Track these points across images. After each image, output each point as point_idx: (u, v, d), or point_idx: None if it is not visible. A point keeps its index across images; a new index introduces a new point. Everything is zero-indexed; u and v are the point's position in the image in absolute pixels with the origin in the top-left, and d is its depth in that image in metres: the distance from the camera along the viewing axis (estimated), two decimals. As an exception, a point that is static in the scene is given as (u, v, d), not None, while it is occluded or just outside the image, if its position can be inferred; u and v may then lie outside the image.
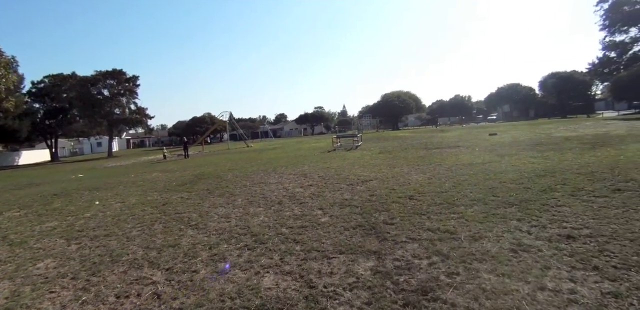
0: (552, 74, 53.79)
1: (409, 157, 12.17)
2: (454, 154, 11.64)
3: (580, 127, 19.62)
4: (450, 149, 13.73)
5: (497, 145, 13.14)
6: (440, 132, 28.05)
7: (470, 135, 20.44)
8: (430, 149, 14.51)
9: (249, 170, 12.39)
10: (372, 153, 14.91)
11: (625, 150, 9.04)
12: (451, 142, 16.52)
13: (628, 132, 14.57)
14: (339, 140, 21.37)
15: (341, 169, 10.38)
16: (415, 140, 20.29)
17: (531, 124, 30.06)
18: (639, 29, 31.08)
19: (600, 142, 11.20)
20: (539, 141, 13.28)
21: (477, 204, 5.18)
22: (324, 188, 7.67)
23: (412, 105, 51.03)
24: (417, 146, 16.31)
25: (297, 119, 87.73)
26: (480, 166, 8.60)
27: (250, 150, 27.56)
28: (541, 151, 10.33)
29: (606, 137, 12.86)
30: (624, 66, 33.04)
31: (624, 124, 19.87)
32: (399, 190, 6.62)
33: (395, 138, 24.60)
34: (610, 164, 7.19)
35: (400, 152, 14.09)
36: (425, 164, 10.01)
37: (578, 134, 15.02)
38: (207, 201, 7.46)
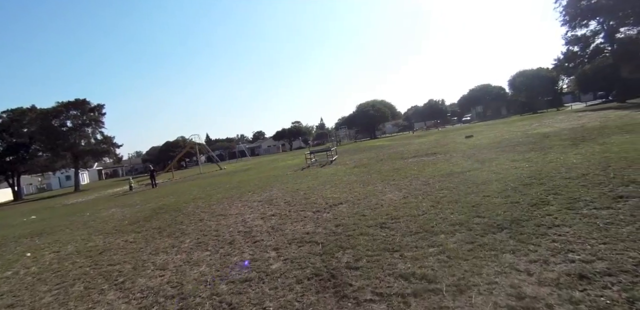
0: (520, 73, 55.02)
1: (384, 170, 11.30)
2: (431, 163, 10.85)
3: (554, 122, 19.38)
4: (427, 157, 12.99)
5: (475, 149, 12.47)
6: (416, 138, 27.58)
7: (447, 140, 19.90)
8: (407, 158, 13.74)
9: (213, 198, 11.29)
10: (347, 168, 14.01)
11: (609, 145, 8.43)
12: (428, 149, 15.84)
13: (603, 123, 14.24)
14: (314, 156, 20.41)
15: (311, 191, 9.40)
16: (392, 149, 19.58)
17: (505, 122, 30.03)
18: (597, 22, 31.87)
19: (580, 137, 10.66)
20: (516, 141, 12.70)
21: (460, 229, 4.27)
22: (287, 218, 6.67)
23: (387, 113, 50.89)
24: (394, 156, 15.54)
25: (275, 135, 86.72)
26: (460, 176, 7.77)
27: (223, 173, 26.27)
28: (522, 152, 9.65)
29: (584, 130, 12.40)
30: (587, 59, 33.74)
31: (596, 114, 19.77)
32: (370, 216, 5.67)
33: (371, 148, 23.88)
34: (601, 163, 6.47)
35: (375, 165, 13.24)
36: (401, 177, 9.14)
37: (554, 129, 14.59)
38: (151, 245, 6.42)
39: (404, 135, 44.52)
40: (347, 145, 39.07)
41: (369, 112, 49.21)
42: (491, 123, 33.50)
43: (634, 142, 8.23)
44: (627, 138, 9.09)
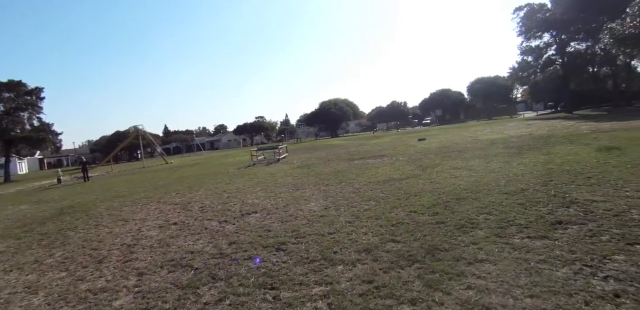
0: (478, 79, 56.68)
1: (324, 172, 10.36)
2: (374, 167, 10.04)
3: (505, 129, 19.48)
4: (373, 159, 12.22)
5: (423, 153, 11.87)
6: (374, 139, 27.10)
7: (400, 142, 19.42)
8: (354, 159, 12.92)
9: (133, 197, 9.98)
10: (290, 168, 12.96)
11: (553, 155, 7.98)
12: (378, 151, 15.15)
13: (550, 132, 14.22)
14: (261, 153, 19.17)
15: (236, 194, 8.28)
16: (345, 149, 18.78)
17: (460, 127, 30.38)
18: (550, 35, 33.00)
19: (526, 146, 10.29)
20: (464, 146, 12.25)
21: (365, 259, 3.33)
22: (186, 229, 5.56)
23: (349, 112, 50.43)
24: (343, 157, 14.70)
25: (236, 129, 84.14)
26: (396, 184, 6.95)
27: (166, 168, 24.32)
28: (466, 159, 9.06)
29: (531, 139, 12.16)
30: (540, 69, 34.95)
31: (544, 123, 20.13)
32: (275, 232, 4.64)
33: (326, 147, 23.02)
34: (542, 176, 5.86)
35: (319, 166, 12.28)
36: (335, 182, 8.22)
37: (503, 137, 14.40)
38: (17, 257, 5.45)
39: (364, 135, 44.22)
40: (305, 143, 38.08)
41: (330, 110, 48.47)
42: (448, 127, 33.88)
43: (577, 153, 7.82)
44: (571, 149, 8.73)
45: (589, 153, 7.65)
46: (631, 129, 11.55)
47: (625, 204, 3.92)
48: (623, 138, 9.48)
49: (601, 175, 5.41)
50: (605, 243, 2.98)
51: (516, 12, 33.94)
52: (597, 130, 12.43)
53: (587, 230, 3.30)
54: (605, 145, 8.38)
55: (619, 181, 4.95)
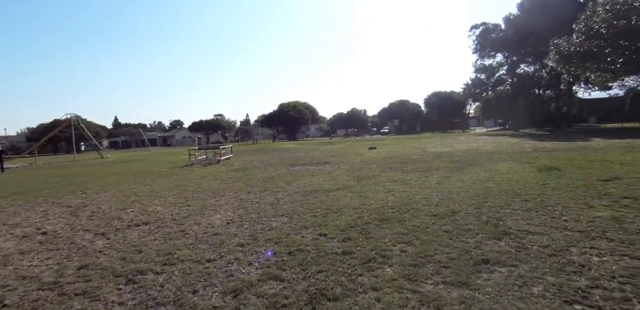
0: (434, 93, 58.46)
1: (257, 177, 9.32)
2: (310, 175, 9.17)
3: (454, 142, 19.56)
4: (315, 166, 11.37)
5: (366, 163, 11.21)
6: (327, 145, 26.43)
7: (351, 149, 18.82)
8: (296, 165, 12.00)
9: (32, 195, 8.62)
10: (226, 170, 11.77)
11: (494, 172, 7.54)
12: (325, 157, 14.35)
13: (495, 148, 14.21)
14: (203, 153, 17.68)
15: (143, 199, 7.10)
16: (293, 154, 17.82)
17: (414, 137, 30.63)
18: (503, 55, 34.45)
19: (469, 161, 9.92)
20: (410, 158, 11.77)
21: (224, 307, 2.35)
22: (48, 243, 4.57)
23: (307, 116, 49.68)
24: (286, 161, 13.73)
25: (191, 126, 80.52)
26: (322, 197, 6.08)
27: (98, 162, 21.95)
28: (406, 172, 8.44)
29: (476, 154, 11.93)
30: (491, 87, 36.39)
31: (491, 139, 20.52)
32: (143, 255, 3.64)
33: (276, 150, 21.93)
34: (478, 196, 5.24)
35: (256, 170, 11.22)
36: (260, 190, 7.22)
37: (451, 150, 14.19)
38: None
39: (321, 140, 43.61)
40: (258, 144, 36.70)
41: (289, 112, 47.42)
42: (403, 137, 34.10)
43: (518, 172, 7.43)
44: (512, 167, 8.39)
45: (530, 173, 7.27)
46: (571, 150, 11.66)
47: (564, 238, 3.28)
48: (563, 158, 9.36)
49: (539, 199, 4.88)
50: (536, 299, 2.23)
51: (472, 30, 35.26)
52: (539, 149, 12.49)
53: (517, 276, 2.56)
54: (546, 165, 8.09)
55: (557, 207, 4.40)
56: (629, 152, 10.18)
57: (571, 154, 10.48)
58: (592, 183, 5.83)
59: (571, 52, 23.25)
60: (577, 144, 13.68)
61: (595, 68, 23.38)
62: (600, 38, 21.20)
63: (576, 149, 11.79)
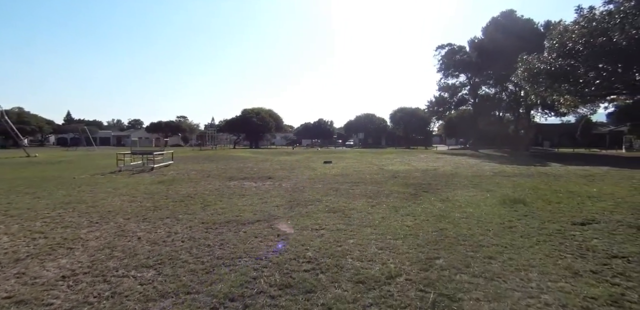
0: (400, 109, 58.92)
1: (176, 195, 7.65)
2: (240, 194, 7.61)
3: (414, 160, 18.73)
4: (255, 181, 9.81)
5: (313, 181, 9.80)
6: (285, 155, 24.90)
7: (306, 162, 17.42)
8: (234, 179, 10.38)
9: None
10: (150, 182, 9.94)
11: (451, 204, 6.36)
12: (272, 171, 12.82)
13: (454, 169, 13.35)
14: (141, 158, 15.49)
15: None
16: (241, 164, 16.13)
17: (376, 152, 29.81)
18: (466, 76, 34.88)
19: (425, 185, 8.78)
20: (363, 177, 10.50)
21: None
22: None
23: (271, 124, 47.95)
24: (227, 173, 12.07)
25: (149, 127, 76.17)
26: (229, 233, 4.57)
27: (19, 162, 19.00)
28: (352, 197, 7.11)
29: (434, 176, 10.89)
30: (454, 106, 36.68)
31: (452, 159, 19.92)
32: None
33: (226, 159, 20.10)
34: (428, 245, 3.94)
35: (184, 184, 9.48)
36: (162, 217, 5.59)
37: (408, 169, 13.15)
38: None
39: (283, 149, 41.98)
40: (210, 151, 34.48)
41: (252, 119, 45.46)
42: (365, 151, 33.27)
43: (479, 205, 6.30)
44: (472, 196, 7.30)
45: (492, 207, 6.15)
46: (531, 176, 10.91)
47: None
48: (526, 187, 8.45)
49: (507, 255, 3.63)
50: None
51: (438, 50, 35.55)
52: (500, 173, 11.69)
53: None
54: (509, 195, 7.07)
55: (532, 274, 3.15)
56: (591, 182, 9.51)
57: (533, 181, 9.67)
58: (567, 228, 4.74)
59: (541, 70, 20.80)
60: (537, 169, 13.10)
61: (566, 90, 21.34)
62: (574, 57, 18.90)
63: (537, 175, 11.08)
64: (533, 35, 30.15)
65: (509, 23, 31.54)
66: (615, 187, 8.40)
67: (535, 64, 21.15)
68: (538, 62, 21.05)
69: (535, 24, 31.16)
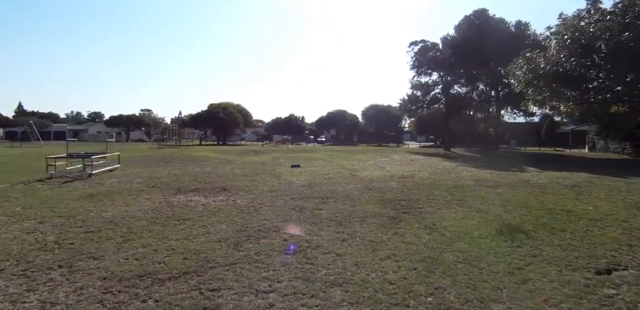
0: (372, 106, 58.31)
1: (94, 221, 5.99)
2: (178, 219, 6.06)
3: (388, 162, 17.70)
4: (205, 196, 8.26)
5: (276, 195, 8.36)
6: (251, 155, 23.23)
7: (273, 165, 15.91)
8: (182, 191, 8.78)
9: None
10: (77, 197, 8.15)
11: (438, 233, 5.17)
12: (230, 178, 11.28)
13: (431, 176, 12.36)
14: (82, 161, 13.28)
15: None
16: (199, 168, 14.42)
17: (348, 151, 28.67)
18: (438, 74, 34.33)
19: (404, 202, 7.60)
20: (334, 190, 9.17)
21: None
22: None
23: (239, 119, 45.69)
24: (177, 182, 10.41)
25: (108, 120, 71.46)
26: (137, 300, 3.08)
27: None
28: (318, 223, 5.75)
29: (413, 187, 9.77)
30: (427, 105, 36.15)
31: (426, 161, 19.08)
32: None
33: (187, 160, 18.22)
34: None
35: (117, 199, 7.79)
36: (58, 264, 4.00)
37: (384, 176, 12.01)
38: None
39: (252, 146, 40.01)
40: (174, 148, 32.16)
41: (218, 114, 43.03)
42: (337, 149, 32.06)
43: (473, 235, 5.14)
44: (460, 219, 6.17)
45: (490, 240, 5.00)
46: (515, 187, 10.04)
47: None
48: (516, 204, 7.45)
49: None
50: None
51: (411, 46, 34.74)
52: (481, 182, 10.76)
53: None
54: (503, 219, 6.01)
55: None
56: (580, 195, 8.73)
57: (521, 194, 8.74)
58: (594, 280, 3.63)
59: (547, 71, 17.47)
60: (517, 177, 12.33)
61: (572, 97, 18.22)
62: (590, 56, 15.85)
63: (521, 186, 10.23)
64: (505, 35, 29.98)
65: (482, 22, 31.19)
66: (610, 204, 7.58)
67: (540, 63, 17.96)
68: (544, 62, 17.83)
69: (507, 24, 30.99)
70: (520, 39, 29.76)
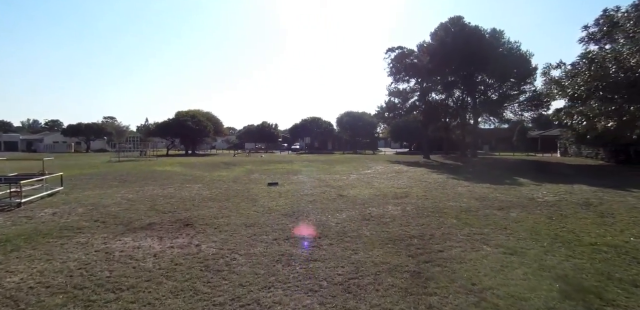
0: (347, 113, 57.41)
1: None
2: (102, 302, 4.22)
3: (374, 175, 16.28)
4: (163, 236, 6.38)
5: (253, 233, 6.60)
6: (222, 169, 21.20)
7: (246, 183, 14.03)
8: (135, 228, 6.87)
9: None
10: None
11: (484, 298, 3.66)
12: (198, 204, 9.40)
13: (426, 192, 11.07)
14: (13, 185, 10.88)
15: None
16: (162, 189, 12.38)
17: (326, 161, 27.14)
18: (416, 81, 33.67)
19: (418, 242, 6.09)
20: (323, 222, 7.52)
21: None
22: None
23: (209, 128, 43.16)
24: (132, 210, 8.44)
25: (65, 129, 66.40)
26: None
27: None
28: (316, 297, 4.10)
29: (417, 215, 8.32)
30: (405, 112, 35.34)
31: (413, 174, 17.82)
32: None
33: (148, 177, 15.98)
34: None
35: (38, 249, 5.80)
36: None
37: (375, 195, 10.53)
38: None
39: (222, 157, 37.65)
40: (136, 161, 29.43)
41: (186, 122, 40.36)
42: (313, 159, 30.46)
43: (531, 302, 3.67)
44: (500, 270, 4.72)
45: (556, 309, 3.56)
46: (527, 208, 8.82)
47: None
48: (549, 238, 6.12)
49: None
50: None
51: (388, 53, 33.94)
52: (487, 203, 9.48)
53: None
54: (559, 273, 4.61)
55: None
56: (604, 219, 7.63)
57: (540, 220, 7.49)
58: None
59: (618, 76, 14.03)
60: (519, 193, 11.22)
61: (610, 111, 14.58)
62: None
63: (533, 206, 9.04)
64: (482, 42, 29.77)
65: (459, 29, 30.88)
66: (653, 233, 6.44)
67: (612, 67, 14.18)
68: (610, 63, 14.06)
69: (483, 31, 30.83)
70: (495, 47, 29.66)
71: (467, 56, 28.89)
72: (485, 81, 31.99)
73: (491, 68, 29.09)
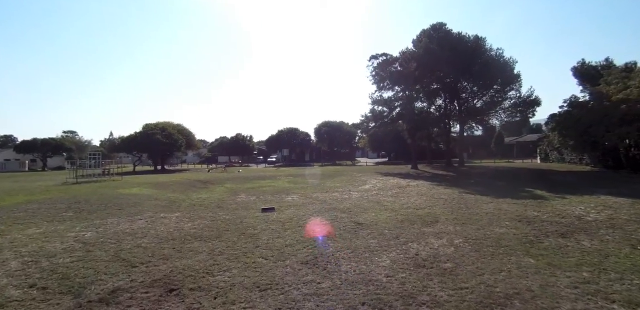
0: (324, 123, 55.98)
1: None
2: None
3: (377, 192, 14.47)
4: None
5: (271, 300, 4.54)
6: (198, 189, 18.69)
7: (234, 209, 11.77)
8: (89, 306, 4.58)
9: None
10: None
11: None
12: (178, 247, 7.15)
13: (453, 213, 9.35)
14: None
15: None
16: (128, 220, 9.92)
17: (310, 175, 25.13)
18: (400, 89, 32.65)
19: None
20: (361, 274, 5.57)
21: None
22: None
23: (180, 142, 40.09)
24: (85, 262, 6.10)
25: (19, 146, 60.55)
26: None
27: None
28: None
29: (474, 253, 6.55)
30: (390, 121, 34.15)
31: (415, 188, 16.19)
32: None
33: (108, 204, 13.29)
34: None
35: None
36: None
37: (397, 220, 8.68)
38: None
39: (195, 173, 34.62)
40: (95, 182, 26.06)
41: (155, 136, 37.17)
42: (295, 173, 28.34)
43: None
44: None
45: None
46: (589, 231, 7.28)
47: None
48: None
49: None
50: None
51: (372, 60, 32.86)
52: (536, 225, 7.89)
53: None
54: None
55: None
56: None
57: (629, 252, 5.91)
58: None
59: None
60: (562, 212, 9.75)
61: None
62: None
63: (591, 230, 7.52)
64: (467, 48, 29.28)
65: (442, 36, 30.29)
66: None
67: None
68: None
69: (465, 38, 30.40)
70: (480, 53, 29.24)
71: (453, 63, 28.24)
72: (470, 88, 31.45)
73: (476, 74, 28.55)
